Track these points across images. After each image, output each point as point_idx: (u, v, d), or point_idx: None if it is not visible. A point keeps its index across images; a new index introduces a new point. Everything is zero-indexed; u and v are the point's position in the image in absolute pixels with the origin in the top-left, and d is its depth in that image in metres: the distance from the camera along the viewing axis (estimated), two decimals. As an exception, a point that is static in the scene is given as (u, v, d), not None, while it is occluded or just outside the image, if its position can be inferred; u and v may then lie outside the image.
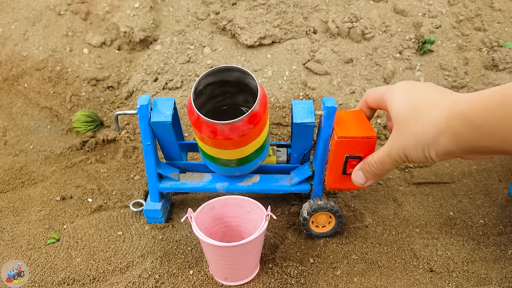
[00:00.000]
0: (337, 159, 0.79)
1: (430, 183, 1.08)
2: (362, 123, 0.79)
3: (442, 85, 1.27)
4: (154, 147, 0.84)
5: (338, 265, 0.85)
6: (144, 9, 1.39)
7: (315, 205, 0.86)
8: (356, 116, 0.82)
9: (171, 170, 0.91)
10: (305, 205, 0.88)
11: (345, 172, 0.80)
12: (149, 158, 0.85)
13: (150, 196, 0.92)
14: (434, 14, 1.35)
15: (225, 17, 1.36)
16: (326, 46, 1.33)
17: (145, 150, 0.84)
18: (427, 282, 0.82)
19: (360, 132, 0.76)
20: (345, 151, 0.77)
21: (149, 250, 0.88)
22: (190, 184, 0.91)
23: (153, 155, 0.85)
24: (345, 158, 0.78)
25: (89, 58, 1.40)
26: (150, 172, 0.88)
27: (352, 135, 0.76)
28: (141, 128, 0.81)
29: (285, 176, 0.92)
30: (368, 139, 0.76)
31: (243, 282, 0.81)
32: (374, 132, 0.77)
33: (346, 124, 0.79)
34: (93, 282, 0.82)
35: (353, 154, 0.78)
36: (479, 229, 0.94)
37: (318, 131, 0.83)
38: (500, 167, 1.13)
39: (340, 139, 0.76)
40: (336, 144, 0.77)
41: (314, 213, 0.87)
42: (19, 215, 0.99)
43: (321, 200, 0.87)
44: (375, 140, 0.76)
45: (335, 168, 0.80)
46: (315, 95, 1.26)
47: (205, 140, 0.73)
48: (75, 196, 1.04)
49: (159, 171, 0.88)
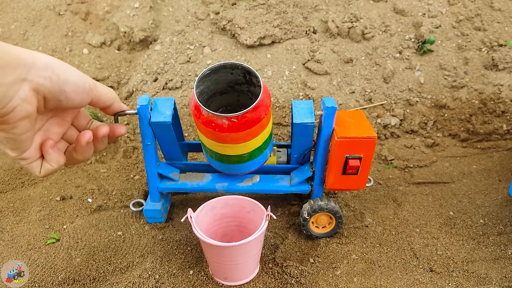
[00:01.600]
0: (337, 159, 0.79)
1: (430, 183, 1.08)
2: (362, 123, 0.79)
3: (442, 85, 1.27)
4: (154, 147, 0.84)
5: (338, 265, 0.85)
6: (144, 9, 1.39)
7: (315, 206, 0.86)
8: (356, 116, 0.82)
9: (171, 170, 0.91)
10: (305, 205, 0.88)
11: (345, 172, 0.80)
12: (149, 158, 0.85)
13: (150, 196, 0.92)
14: (434, 14, 1.35)
15: (225, 17, 1.36)
16: (326, 46, 1.33)
17: (145, 150, 0.84)
18: (427, 282, 0.82)
19: (360, 132, 0.76)
20: (345, 151, 0.78)
21: (149, 250, 0.88)
22: (190, 184, 0.91)
23: (153, 155, 0.85)
24: (345, 158, 0.78)
25: (89, 58, 1.40)
26: (150, 172, 0.88)
27: (353, 136, 0.76)
28: (141, 128, 0.81)
29: (285, 177, 0.92)
30: (369, 139, 0.76)
31: (243, 282, 0.81)
32: (374, 132, 0.77)
33: (346, 124, 0.79)
34: (93, 282, 0.82)
35: (353, 154, 0.78)
36: (479, 229, 0.94)
37: (318, 131, 0.83)
38: (500, 167, 1.13)
39: (340, 139, 0.76)
40: (336, 144, 0.77)
41: (315, 213, 0.87)
42: (19, 215, 0.99)
43: (321, 201, 0.87)
44: (375, 140, 0.76)
45: (335, 168, 0.80)
46: (315, 95, 1.26)
47: (217, 137, 0.73)
48: (75, 196, 1.04)
49: (159, 171, 0.88)
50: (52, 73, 0.45)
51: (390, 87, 1.28)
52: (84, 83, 0.49)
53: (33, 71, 0.44)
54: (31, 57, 0.44)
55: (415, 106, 1.26)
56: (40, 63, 0.44)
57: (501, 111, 1.22)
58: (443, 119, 1.24)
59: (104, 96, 0.53)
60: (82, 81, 0.48)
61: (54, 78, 0.45)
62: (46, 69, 0.45)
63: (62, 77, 0.46)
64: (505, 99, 1.22)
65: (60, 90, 0.46)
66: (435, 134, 1.24)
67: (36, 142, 0.49)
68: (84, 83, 0.49)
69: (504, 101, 1.22)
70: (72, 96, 0.47)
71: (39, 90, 0.45)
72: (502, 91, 1.24)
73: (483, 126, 1.22)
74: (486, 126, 1.22)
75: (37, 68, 0.44)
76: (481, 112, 1.23)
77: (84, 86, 0.49)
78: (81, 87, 0.48)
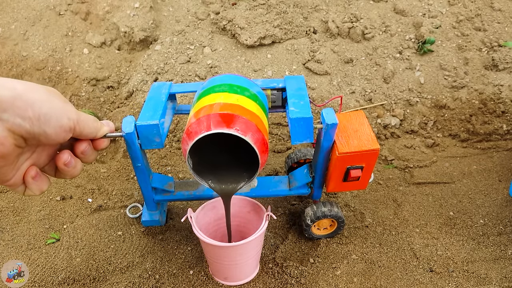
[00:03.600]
0: (339, 170, 0.76)
1: (430, 183, 1.08)
2: (364, 130, 0.75)
3: (442, 85, 1.27)
4: (145, 167, 0.80)
5: (338, 265, 0.85)
6: (144, 9, 1.39)
7: (319, 213, 0.85)
8: (357, 119, 0.77)
9: (165, 181, 0.87)
10: (308, 211, 0.86)
11: (346, 180, 0.78)
12: (142, 176, 0.81)
13: (146, 206, 0.90)
14: (434, 14, 1.35)
15: (225, 17, 1.36)
16: (326, 46, 1.33)
17: (136, 170, 0.80)
18: (427, 282, 0.82)
19: (362, 144, 0.72)
20: (346, 164, 0.75)
21: (149, 250, 0.88)
22: (186, 194, 0.88)
23: (145, 173, 0.81)
24: (347, 168, 0.76)
25: (89, 58, 1.40)
26: (144, 188, 0.84)
27: (354, 150, 0.72)
28: (129, 152, 0.75)
29: (284, 179, 0.90)
30: (371, 151, 0.72)
31: (243, 282, 0.81)
32: (376, 143, 0.73)
33: (347, 133, 0.75)
34: (93, 282, 0.82)
35: (355, 165, 0.75)
36: (479, 229, 0.94)
37: (317, 141, 0.79)
38: (500, 167, 1.13)
39: (341, 154, 0.72)
40: (337, 159, 0.73)
41: (318, 220, 0.86)
42: (19, 215, 0.99)
43: (324, 207, 0.85)
44: (377, 152, 0.73)
45: (336, 177, 0.78)
46: (315, 95, 1.26)
47: None
48: (75, 196, 1.04)
49: (154, 185, 0.85)
50: (33, 114, 0.44)
51: (390, 87, 1.28)
52: (67, 122, 0.48)
53: (11, 111, 0.42)
54: (11, 95, 0.42)
55: (415, 106, 1.26)
56: (20, 102, 0.43)
57: (501, 111, 1.22)
58: (443, 119, 1.24)
59: (87, 130, 0.52)
60: (65, 118, 0.47)
61: (35, 119, 0.44)
62: (26, 110, 0.43)
63: (43, 119, 0.45)
64: (505, 99, 1.22)
65: (40, 131, 0.45)
66: (435, 134, 1.24)
67: (22, 170, 0.48)
68: (67, 122, 0.48)
69: (504, 101, 1.22)
70: (53, 137, 0.46)
71: (15, 131, 0.43)
72: (502, 92, 1.24)
73: (483, 126, 1.22)
74: (486, 126, 1.22)
75: (16, 107, 0.42)
76: (481, 112, 1.23)
77: (67, 125, 0.48)
78: (64, 127, 0.47)
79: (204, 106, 0.67)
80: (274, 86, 0.82)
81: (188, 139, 0.64)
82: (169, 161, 1.15)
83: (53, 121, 0.46)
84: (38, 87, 0.46)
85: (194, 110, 0.70)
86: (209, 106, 0.66)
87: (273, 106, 0.86)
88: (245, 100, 0.69)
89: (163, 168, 1.13)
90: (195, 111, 0.68)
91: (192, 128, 0.64)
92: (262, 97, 0.76)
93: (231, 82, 0.73)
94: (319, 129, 0.74)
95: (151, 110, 0.75)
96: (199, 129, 0.63)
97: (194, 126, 0.64)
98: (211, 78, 0.77)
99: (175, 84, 0.87)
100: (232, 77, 0.75)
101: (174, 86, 0.85)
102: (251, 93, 0.72)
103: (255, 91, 0.74)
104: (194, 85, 0.85)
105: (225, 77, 0.75)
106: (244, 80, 0.75)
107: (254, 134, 0.64)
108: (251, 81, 0.77)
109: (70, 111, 0.49)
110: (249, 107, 0.68)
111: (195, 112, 0.68)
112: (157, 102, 0.78)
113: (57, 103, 0.47)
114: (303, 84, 0.82)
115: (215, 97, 0.68)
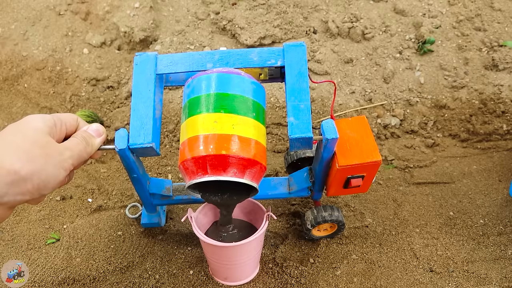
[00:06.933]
0: (339, 180, 0.75)
1: (430, 183, 1.08)
2: (366, 139, 0.72)
3: (442, 85, 1.27)
4: (141, 176, 0.77)
5: (338, 265, 0.85)
6: (144, 9, 1.39)
7: (319, 218, 0.84)
8: (358, 127, 0.74)
9: (163, 186, 0.85)
10: (309, 215, 0.85)
11: (347, 187, 0.76)
12: (138, 185, 0.79)
13: (145, 208, 0.89)
14: (434, 14, 1.35)
15: (225, 17, 1.36)
16: (326, 46, 1.33)
17: (132, 179, 0.77)
18: (427, 282, 0.82)
19: (364, 156, 0.70)
20: (347, 174, 0.73)
21: (149, 250, 0.88)
22: (185, 197, 0.86)
23: (141, 182, 0.78)
24: (347, 178, 0.74)
25: (89, 58, 1.40)
26: (142, 195, 0.83)
27: (355, 162, 0.69)
28: (123, 164, 0.73)
29: (283, 181, 0.87)
30: (372, 163, 0.70)
31: (243, 282, 0.81)
32: (378, 154, 0.70)
33: (348, 143, 0.72)
34: (93, 282, 0.82)
35: (356, 174, 0.73)
36: (479, 229, 0.94)
37: (317, 150, 0.76)
38: (500, 167, 1.13)
39: (342, 167, 0.70)
40: (338, 171, 0.71)
41: (318, 225, 0.85)
42: (19, 215, 0.99)
43: (325, 211, 0.84)
44: (379, 163, 0.71)
45: (336, 184, 0.76)
46: (315, 95, 1.26)
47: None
48: (75, 196, 1.04)
49: (151, 191, 0.82)
50: (32, 186, 0.45)
51: (390, 87, 1.28)
52: (64, 173, 0.50)
53: (12, 190, 0.44)
54: (11, 180, 0.43)
55: (415, 106, 1.26)
56: (20, 177, 0.44)
57: (501, 111, 1.22)
58: (443, 119, 1.24)
59: (84, 159, 0.55)
60: (61, 173, 0.49)
61: (35, 191, 0.46)
62: (26, 183, 0.45)
63: (42, 185, 0.47)
64: (505, 99, 1.22)
65: (40, 195, 0.48)
66: (435, 134, 1.24)
67: None
68: (64, 173, 0.50)
69: (504, 101, 1.22)
70: (50, 191, 0.50)
71: (14, 205, 0.46)
72: (502, 92, 1.24)
73: (483, 126, 1.22)
74: (486, 126, 1.22)
75: (15, 185, 0.44)
76: (481, 112, 1.23)
77: (64, 176, 0.50)
78: (62, 181, 0.50)
79: (198, 135, 0.63)
80: (272, 64, 0.75)
81: (185, 173, 0.65)
82: (169, 161, 1.15)
83: (51, 182, 0.48)
84: (35, 155, 0.46)
85: (187, 131, 0.66)
86: (205, 139, 0.63)
87: (271, 78, 0.82)
88: (242, 125, 0.64)
89: (163, 168, 1.13)
90: (189, 137, 0.65)
91: (188, 164, 0.64)
92: (259, 99, 0.70)
93: (224, 91, 0.66)
94: (319, 140, 0.71)
95: (141, 118, 0.69)
96: (196, 171, 0.63)
97: (190, 165, 0.63)
98: (200, 76, 0.69)
99: (161, 56, 0.75)
100: (225, 79, 0.67)
101: (160, 64, 0.74)
102: (248, 105, 0.66)
103: (251, 95, 0.68)
104: (184, 57, 0.74)
105: (217, 81, 0.67)
106: (238, 83, 0.68)
107: (252, 168, 0.63)
108: (245, 79, 0.69)
109: (66, 161, 0.50)
110: (246, 133, 0.64)
111: (188, 138, 0.65)
112: (146, 104, 0.70)
113: (56, 166, 0.48)
114: (304, 63, 0.74)
115: (209, 123, 0.63)
